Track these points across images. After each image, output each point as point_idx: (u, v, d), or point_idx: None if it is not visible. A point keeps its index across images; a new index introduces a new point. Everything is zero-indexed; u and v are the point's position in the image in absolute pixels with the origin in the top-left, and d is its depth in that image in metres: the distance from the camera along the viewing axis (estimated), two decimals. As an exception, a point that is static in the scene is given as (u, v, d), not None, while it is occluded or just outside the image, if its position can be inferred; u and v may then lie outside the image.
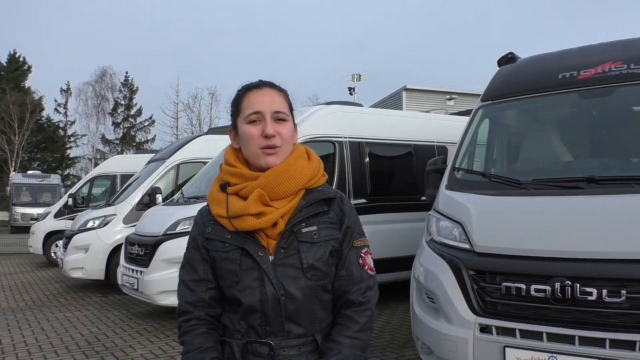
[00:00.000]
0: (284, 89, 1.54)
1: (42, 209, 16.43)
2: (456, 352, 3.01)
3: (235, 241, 1.43)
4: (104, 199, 10.77)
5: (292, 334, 1.41)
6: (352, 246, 1.50)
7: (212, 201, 1.50)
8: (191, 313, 1.47)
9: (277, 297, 1.38)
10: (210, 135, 9.15)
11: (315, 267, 1.42)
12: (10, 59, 42.69)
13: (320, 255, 1.43)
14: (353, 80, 30.51)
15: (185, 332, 1.47)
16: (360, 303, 1.47)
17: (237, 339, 1.43)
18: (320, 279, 1.44)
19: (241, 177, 1.47)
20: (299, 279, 1.41)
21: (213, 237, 1.47)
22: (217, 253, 1.45)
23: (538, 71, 3.90)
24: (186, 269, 1.52)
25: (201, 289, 1.48)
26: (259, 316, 1.40)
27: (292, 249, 1.42)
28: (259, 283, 1.39)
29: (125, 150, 42.00)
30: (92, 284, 9.32)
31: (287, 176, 1.44)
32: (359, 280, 1.48)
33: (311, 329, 1.43)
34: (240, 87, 1.53)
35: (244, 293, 1.40)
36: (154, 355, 5.17)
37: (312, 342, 1.43)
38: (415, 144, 7.15)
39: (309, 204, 1.46)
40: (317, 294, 1.44)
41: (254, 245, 1.42)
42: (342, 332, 1.44)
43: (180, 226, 5.94)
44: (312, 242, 1.43)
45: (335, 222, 1.48)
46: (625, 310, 2.57)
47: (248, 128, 1.45)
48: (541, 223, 2.99)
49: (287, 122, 1.48)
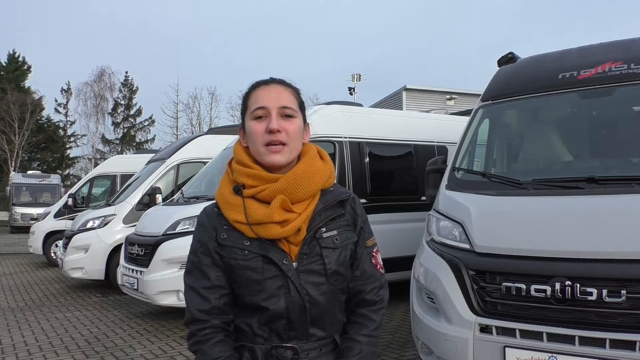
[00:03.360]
0: (294, 86, 1.49)
1: (42, 209, 16.42)
2: (456, 352, 3.01)
3: (256, 249, 1.37)
4: (104, 199, 10.77)
5: (314, 337, 1.40)
6: (365, 246, 1.50)
7: (225, 205, 1.42)
8: (206, 322, 1.40)
9: (302, 304, 1.37)
10: (210, 135, 9.16)
11: (338, 272, 1.42)
12: (10, 59, 42.69)
13: (342, 260, 1.43)
14: (353, 80, 30.52)
15: (200, 342, 1.40)
16: (375, 302, 1.49)
17: (260, 343, 1.39)
18: (342, 283, 1.44)
19: (259, 179, 1.40)
20: (322, 285, 1.39)
21: (230, 244, 1.40)
22: (236, 261, 1.39)
23: (538, 71, 3.90)
24: (195, 275, 1.44)
25: (214, 295, 1.41)
26: (284, 322, 1.38)
27: (314, 255, 1.39)
28: (284, 291, 1.37)
29: (125, 150, 42.00)
30: (92, 284, 9.31)
31: (307, 178, 1.40)
32: (372, 280, 1.49)
33: (332, 330, 1.44)
34: (250, 85, 1.49)
35: (269, 301, 1.37)
36: (154, 355, 5.17)
37: (332, 342, 1.44)
38: (415, 144, 7.15)
39: (326, 207, 1.44)
40: (337, 297, 1.44)
41: (278, 253, 1.37)
42: (360, 331, 1.45)
43: (180, 226, 5.94)
44: (334, 247, 1.42)
45: (350, 224, 1.48)
46: (625, 310, 2.57)
47: (253, 124, 1.41)
48: (541, 223, 2.99)
49: (295, 118, 1.43)
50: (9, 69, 41.86)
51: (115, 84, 42.36)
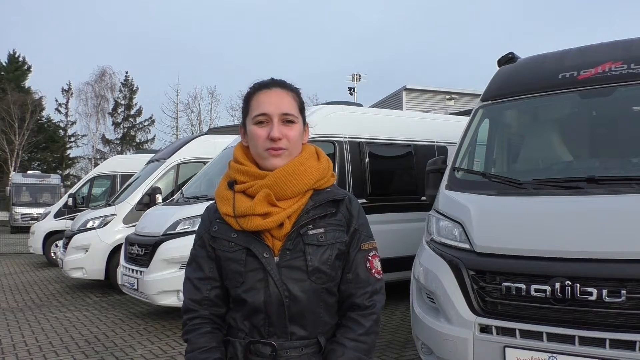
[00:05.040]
0: (295, 88, 1.51)
1: (42, 209, 16.41)
2: (456, 352, 3.01)
3: (241, 241, 1.42)
4: (104, 199, 10.77)
5: (295, 336, 1.40)
6: (360, 249, 1.48)
7: (219, 199, 1.49)
8: (196, 311, 1.47)
9: (280, 299, 1.38)
10: (210, 135, 9.17)
11: (320, 270, 1.41)
12: (10, 59, 42.69)
13: (326, 258, 1.42)
14: (353, 80, 30.55)
15: (189, 331, 1.47)
16: (366, 307, 1.45)
17: (241, 338, 1.43)
18: (325, 282, 1.43)
19: (249, 175, 1.45)
20: (304, 282, 1.39)
21: (219, 236, 1.46)
22: (223, 253, 1.44)
23: (538, 71, 3.90)
24: (192, 266, 1.52)
25: (206, 287, 1.47)
26: (263, 317, 1.40)
27: (297, 251, 1.40)
28: (264, 284, 1.39)
29: (125, 150, 42.00)
30: (92, 284, 9.31)
31: (295, 176, 1.42)
32: (365, 284, 1.47)
33: (314, 331, 1.42)
34: (251, 85, 1.50)
35: (249, 294, 1.40)
36: (154, 355, 5.17)
37: (315, 344, 1.42)
38: (415, 144, 7.15)
39: (316, 206, 1.44)
40: (321, 297, 1.43)
41: (260, 246, 1.40)
42: (346, 334, 1.43)
43: (180, 226, 5.94)
44: (318, 244, 1.41)
45: (342, 224, 1.47)
46: (625, 310, 2.57)
47: (255, 129, 1.44)
48: (541, 223, 2.99)
49: (296, 124, 1.46)
50: (9, 69, 41.86)
51: (115, 84, 42.45)
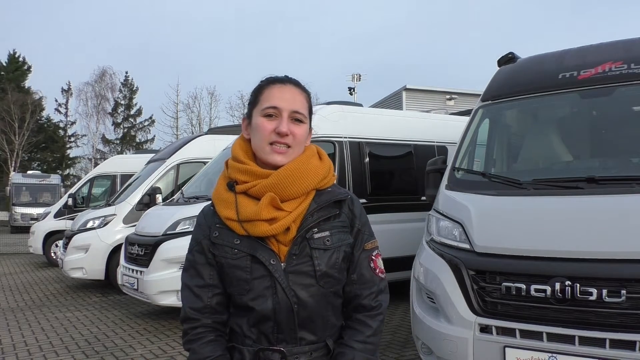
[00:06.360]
0: (307, 90, 1.49)
1: (42, 209, 16.42)
2: (456, 352, 3.01)
3: (245, 247, 1.37)
4: (104, 199, 10.77)
5: (304, 341, 1.38)
6: (363, 249, 1.47)
7: (219, 202, 1.43)
8: (198, 320, 1.42)
9: (289, 306, 1.34)
10: (210, 135, 9.17)
11: (329, 275, 1.38)
12: (10, 59, 42.69)
13: (334, 262, 1.39)
14: (353, 80, 30.51)
15: (191, 340, 1.42)
16: (373, 307, 1.45)
17: (248, 345, 1.39)
18: (334, 286, 1.41)
19: (251, 175, 1.40)
20: (312, 287, 1.37)
21: (221, 243, 1.40)
22: (226, 260, 1.39)
23: (538, 71, 3.90)
24: (190, 273, 1.45)
25: (207, 294, 1.42)
26: (272, 324, 1.36)
27: (304, 256, 1.37)
28: (272, 291, 1.35)
29: (125, 150, 42.00)
30: (92, 284, 9.31)
31: (299, 176, 1.38)
32: (370, 285, 1.46)
33: (323, 335, 1.40)
34: (264, 78, 1.47)
35: (256, 301, 1.35)
36: (154, 355, 5.17)
37: (324, 347, 1.40)
38: (415, 144, 7.15)
39: (320, 207, 1.41)
40: (329, 300, 1.41)
41: (266, 253, 1.36)
42: (355, 337, 1.42)
43: (180, 226, 5.94)
44: (325, 248, 1.39)
45: (346, 225, 1.44)
46: (625, 310, 2.57)
47: (262, 121, 1.40)
48: (541, 223, 2.99)
49: (304, 123, 1.43)
50: (9, 69, 41.86)
51: (115, 84, 42.46)
